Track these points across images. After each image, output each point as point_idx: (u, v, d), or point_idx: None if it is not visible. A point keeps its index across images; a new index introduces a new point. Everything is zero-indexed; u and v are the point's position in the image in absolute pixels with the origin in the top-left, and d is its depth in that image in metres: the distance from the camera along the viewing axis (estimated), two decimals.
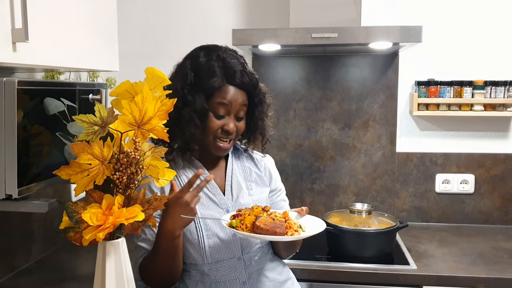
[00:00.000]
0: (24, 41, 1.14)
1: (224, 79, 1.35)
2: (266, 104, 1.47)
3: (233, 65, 1.37)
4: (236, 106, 1.37)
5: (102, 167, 1.02)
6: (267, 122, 1.49)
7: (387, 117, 2.36)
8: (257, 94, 1.44)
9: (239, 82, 1.37)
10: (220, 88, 1.35)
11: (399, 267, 1.83)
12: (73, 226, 1.04)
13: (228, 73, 1.36)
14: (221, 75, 1.35)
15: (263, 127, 1.48)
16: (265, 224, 1.21)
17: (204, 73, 1.36)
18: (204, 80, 1.35)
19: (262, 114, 1.46)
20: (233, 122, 1.38)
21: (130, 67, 2.03)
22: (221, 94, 1.35)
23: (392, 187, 2.39)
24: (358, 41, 1.89)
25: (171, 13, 2.42)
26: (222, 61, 1.37)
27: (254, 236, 1.23)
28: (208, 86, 1.35)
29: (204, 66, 1.37)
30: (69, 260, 1.91)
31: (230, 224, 1.26)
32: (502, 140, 2.33)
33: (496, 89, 2.21)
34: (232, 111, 1.37)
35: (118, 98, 1.05)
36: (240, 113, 1.39)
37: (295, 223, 1.28)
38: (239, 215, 1.28)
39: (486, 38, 2.28)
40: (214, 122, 1.36)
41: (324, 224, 1.32)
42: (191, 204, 1.22)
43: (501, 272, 1.79)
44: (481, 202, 2.35)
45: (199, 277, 1.38)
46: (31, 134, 1.23)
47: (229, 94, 1.36)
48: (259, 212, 1.27)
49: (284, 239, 1.25)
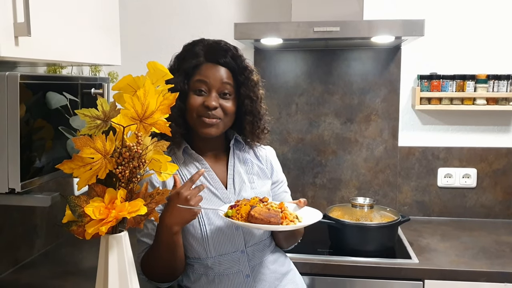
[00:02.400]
0: (27, 35, 1.13)
1: (204, 58, 1.39)
2: (253, 82, 1.44)
3: (215, 46, 1.40)
4: (216, 82, 1.37)
5: (105, 161, 1.02)
6: (259, 104, 1.46)
7: (389, 111, 2.36)
8: (241, 72, 1.42)
9: (219, 59, 1.38)
10: (199, 66, 1.38)
11: (401, 261, 1.83)
12: (76, 220, 1.04)
13: (209, 52, 1.39)
14: (202, 56, 1.39)
15: (253, 109, 1.44)
16: (259, 213, 1.22)
17: (187, 57, 1.40)
18: (185, 62, 1.39)
19: (249, 92, 1.43)
20: (215, 99, 1.37)
21: (132, 61, 2.03)
22: (199, 71, 1.38)
23: (394, 181, 2.39)
24: (360, 35, 1.89)
25: (173, 7, 2.42)
26: (205, 45, 1.41)
27: (249, 226, 1.23)
28: (188, 66, 1.38)
29: (188, 52, 1.41)
30: (72, 254, 1.92)
31: (226, 214, 1.27)
32: (505, 134, 2.33)
33: (499, 83, 2.20)
34: (212, 88, 1.38)
35: (120, 92, 1.05)
36: (224, 90, 1.39)
37: (291, 213, 1.28)
38: (236, 205, 1.29)
39: (488, 31, 2.27)
40: (194, 99, 1.37)
41: (320, 215, 1.32)
42: (191, 201, 1.22)
43: (503, 266, 1.79)
44: (483, 196, 2.35)
45: (202, 271, 1.39)
46: (33, 128, 1.24)
47: (208, 70, 1.38)
48: (255, 202, 1.28)
49: (278, 229, 1.25)
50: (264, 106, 1.49)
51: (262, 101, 1.48)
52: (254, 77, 1.45)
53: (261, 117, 1.48)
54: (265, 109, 1.50)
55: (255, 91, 1.44)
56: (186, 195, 1.22)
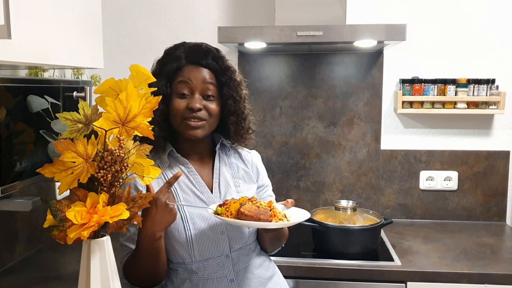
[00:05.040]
0: (7, 38, 1.12)
1: (185, 60, 1.38)
2: (236, 82, 1.43)
3: (196, 48, 1.40)
4: (198, 83, 1.37)
5: (86, 165, 1.02)
6: (242, 104, 1.45)
7: (371, 114, 2.38)
8: (223, 72, 1.41)
9: (200, 60, 1.38)
10: (181, 69, 1.37)
11: (384, 264, 1.85)
12: (57, 225, 1.03)
13: (190, 55, 1.39)
14: (184, 58, 1.38)
15: (236, 109, 1.44)
16: (249, 210, 1.22)
17: (169, 61, 1.39)
18: (167, 65, 1.38)
19: (232, 92, 1.42)
20: (198, 101, 1.37)
21: (115, 64, 2.02)
22: (181, 73, 1.37)
23: (376, 184, 2.41)
24: (343, 39, 1.90)
25: (157, 10, 2.41)
26: (186, 48, 1.40)
27: (239, 223, 1.23)
28: (170, 69, 1.37)
29: (170, 56, 1.40)
30: (54, 259, 1.90)
31: (216, 212, 1.26)
32: (485, 137, 2.37)
33: (479, 87, 2.24)
34: (195, 90, 1.37)
35: (103, 95, 1.05)
36: (207, 92, 1.38)
37: (280, 212, 1.29)
38: (225, 204, 1.28)
39: (469, 36, 2.31)
40: (178, 102, 1.37)
41: (308, 214, 1.33)
42: (169, 205, 1.21)
43: (483, 268, 1.81)
44: (464, 198, 2.39)
45: (186, 275, 1.38)
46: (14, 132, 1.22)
47: (190, 72, 1.37)
48: (244, 201, 1.28)
49: (268, 226, 1.25)
50: (248, 106, 1.49)
51: (245, 101, 1.47)
52: (237, 77, 1.44)
53: (245, 117, 1.47)
54: (249, 109, 1.50)
55: (238, 91, 1.44)
56: (165, 200, 1.21)
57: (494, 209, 2.38)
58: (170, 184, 1.23)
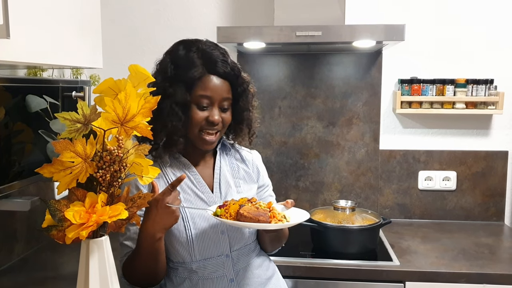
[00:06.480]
0: (6, 38, 1.12)
1: (204, 69, 1.34)
2: (251, 94, 1.45)
3: (213, 54, 1.36)
4: (218, 96, 1.35)
5: (85, 165, 1.02)
6: (253, 113, 1.47)
7: (370, 114, 2.38)
8: (240, 84, 1.41)
9: (220, 71, 1.35)
10: (200, 78, 1.34)
11: (383, 263, 1.85)
12: (56, 225, 1.03)
13: (209, 63, 1.35)
14: (201, 65, 1.34)
15: (249, 118, 1.46)
16: (248, 212, 1.22)
17: (184, 65, 1.35)
18: (184, 71, 1.34)
19: (247, 104, 1.44)
20: (217, 113, 1.36)
21: (114, 64, 2.02)
22: (202, 84, 1.34)
23: (375, 184, 2.41)
24: (342, 39, 1.91)
25: (156, 10, 2.41)
26: (202, 52, 1.36)
27: (238, 224, 1.23)
28: (188, 77, 1.33)
29: (184, 58, 1.36)
30: (52, 259, 1.90)
31: (215, 213, 1.26)
32: (483, 137, 2.37)
33: (478, 87, 2.24)
34: (215, 102, 1.36)
35: (101, 95, 1.05)
36: (224, 104, 1.38)
37: (279, 213, 1.29)
38: (225, 205, 1.29)
39: (468, 37, 2.32)
40: (198, 114, 1.35)
41: (307, 214, 1.33)
42: (172, 207, 1.21)
43: (481, 267, 1.82)
44: (463, 198, 2.39)
45: (186, 274, 1.38)
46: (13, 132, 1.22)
47: (210, 83, 1.34)
48: (244, 202, 1.28)
49: (268, 227, 1.25)
50: (257, 114, 1.51)
51: (255, 109, 1.50)
52: (251, 89, 1.46)
53: (254, 126, 1.50)
54: (257, 117, 1.52)
55: (251, 102, 1.46)
56: (167, 201, 1.21)
57: (493, 209, 2.38)
58: (173, 187, 1.23)
